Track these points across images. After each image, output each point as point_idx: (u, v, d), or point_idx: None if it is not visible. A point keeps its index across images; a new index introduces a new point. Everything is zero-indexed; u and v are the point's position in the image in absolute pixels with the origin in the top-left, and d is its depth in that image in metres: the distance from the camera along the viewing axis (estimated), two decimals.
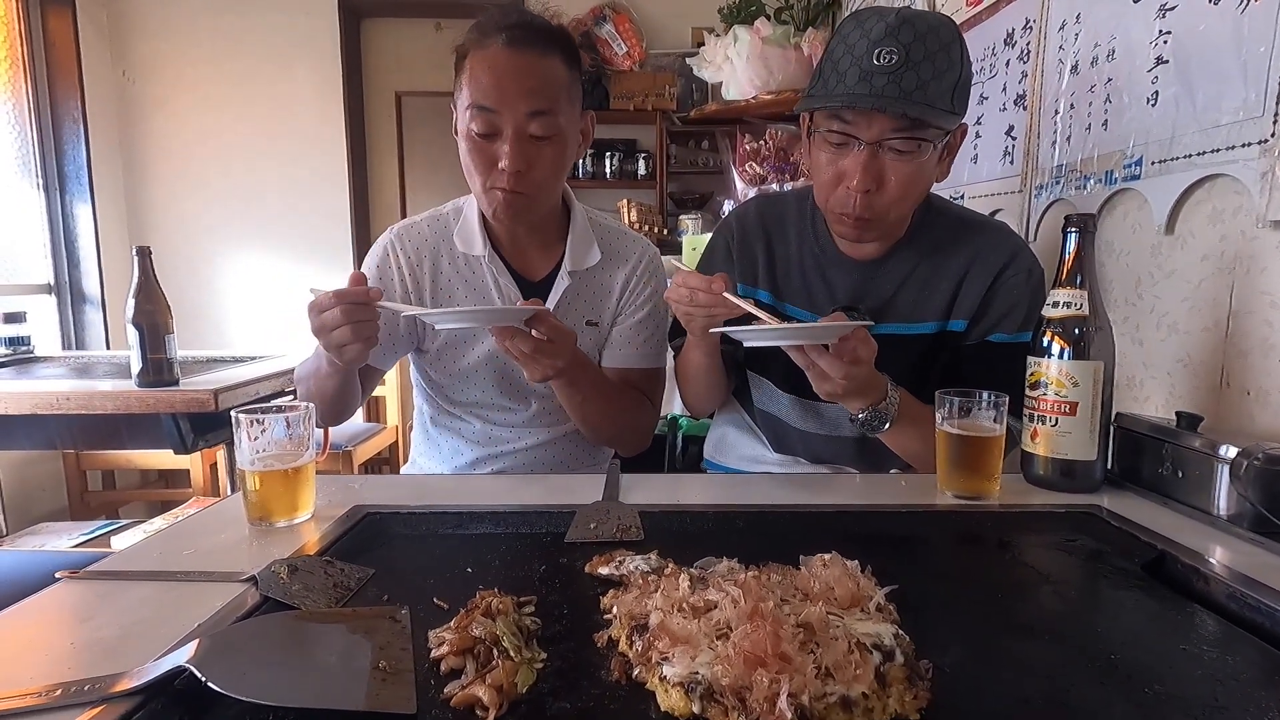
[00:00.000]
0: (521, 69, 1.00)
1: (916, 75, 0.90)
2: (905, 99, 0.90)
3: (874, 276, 1.09)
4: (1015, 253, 1.06)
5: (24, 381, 1.86)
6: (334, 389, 1.08)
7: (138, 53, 3.46)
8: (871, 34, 0.91)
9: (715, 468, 1.30)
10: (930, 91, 0.91)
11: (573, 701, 0.49)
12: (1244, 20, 0.92)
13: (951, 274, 1.06)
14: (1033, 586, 0.70)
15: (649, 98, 3.47)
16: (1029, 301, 1.04)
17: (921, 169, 0.96)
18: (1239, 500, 0.77)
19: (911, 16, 0.92)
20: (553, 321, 0.94)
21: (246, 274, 3.61)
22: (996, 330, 1.05)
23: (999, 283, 1.05)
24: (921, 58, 0.90)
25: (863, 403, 0.95)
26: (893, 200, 0.97)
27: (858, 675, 0.46)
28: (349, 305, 0.90)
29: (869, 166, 0.94)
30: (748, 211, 1.19)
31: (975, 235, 1.08)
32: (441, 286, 1.17)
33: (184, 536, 0.78)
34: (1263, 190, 0.89)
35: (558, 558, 0.73)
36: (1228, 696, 0.50)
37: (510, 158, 1.01)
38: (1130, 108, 1.13)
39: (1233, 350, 0.96)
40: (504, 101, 1.00)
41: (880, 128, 0.93)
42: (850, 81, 0.92)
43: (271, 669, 0.50)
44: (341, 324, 0.90)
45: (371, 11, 3.67)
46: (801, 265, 1.13)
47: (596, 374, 1.13)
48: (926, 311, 1.07)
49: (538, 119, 1.01)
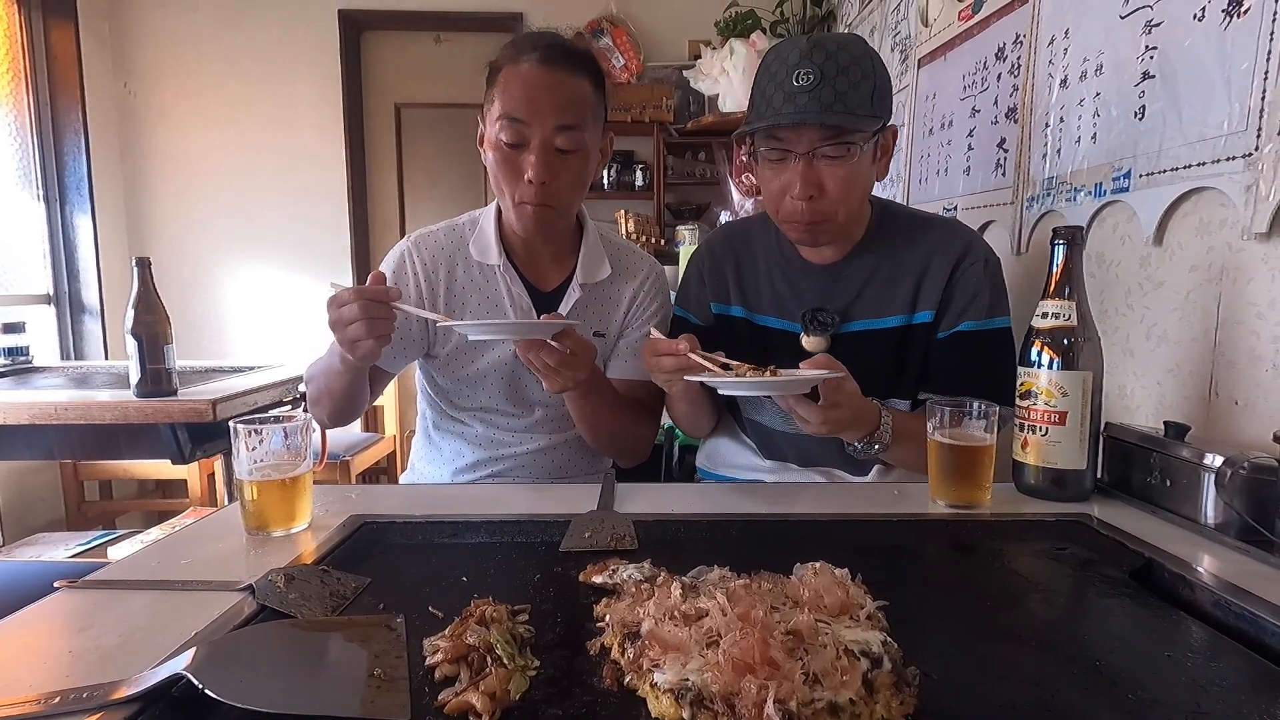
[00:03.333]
0: (552, 85, 1.05)
1: (833, 89, 0.99)
2: (826, 110, 0.99)
3: (838, 279, 1.14)
4: (969, 244, 1.12)
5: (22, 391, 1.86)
6: (343, 387, 1.10)
7: (139, 65, 3.49)
8: (789, 60, 1.01)
9: (708, 475, 1.32)
10: (850, 101, 0.99)
11: (565, 708, 0.50)
12: (1227, 36, 0.93)
13: (911, 269, 1.12)
14: (1022, 594, 0.71)
15: (646, 109, 3.49)
16: (990, 287, 1.10)
17: (855, 170, 1.04)
18: (1226, 509, 0.78)
19: (822, 39, 1.01)
20: (577, 336, 0.98)
21: (245, 285, 3.62)
22: (964, 319, 1.10)
23: (958, 273, 1.10)
24: (835, 73, 0.98)
25: (856, 434, 0.99)
26: (835, 201, 1.04)
27: (845, 681, 0.47)
28: (367, 302, 0.92)
29: (806, 175, 1.03)
30: (715, 239, 1.29)
31: (929, 231, 1.14)
32: (455, 294, 1.19)
33: (181, 546, 0.79)
34: (1248, 203, 0.90)
35: (552, 567, 0.74)
36: (1211, 703, 0.51)
37: (535, 169, 1.06)
38: (1118, 121, 1.14)
39: (1221, 360, 0.97)
40: (534, 114, 1.05)
41: (809, 139, 1.01)
42: (777, 104, 1.01)
43: (268, 677, 0.50)
44: (358, 319, 0.92)
45: (372, 24, 3.70)
46: (770, 277, 1.19)
47: (608, 387, 1.17)
48: (891, 306, 1.12)
49: (564, 133, 1.06)
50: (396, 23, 3.67)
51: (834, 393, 0.92)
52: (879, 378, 1.05)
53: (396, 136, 3.86)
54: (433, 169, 3.84)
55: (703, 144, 3.58)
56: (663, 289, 1.28)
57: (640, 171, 3.65)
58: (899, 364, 1.12)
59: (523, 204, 1.09)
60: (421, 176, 3.87)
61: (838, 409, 0.92)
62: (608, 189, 3.63)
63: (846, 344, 1.12)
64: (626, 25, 3.55)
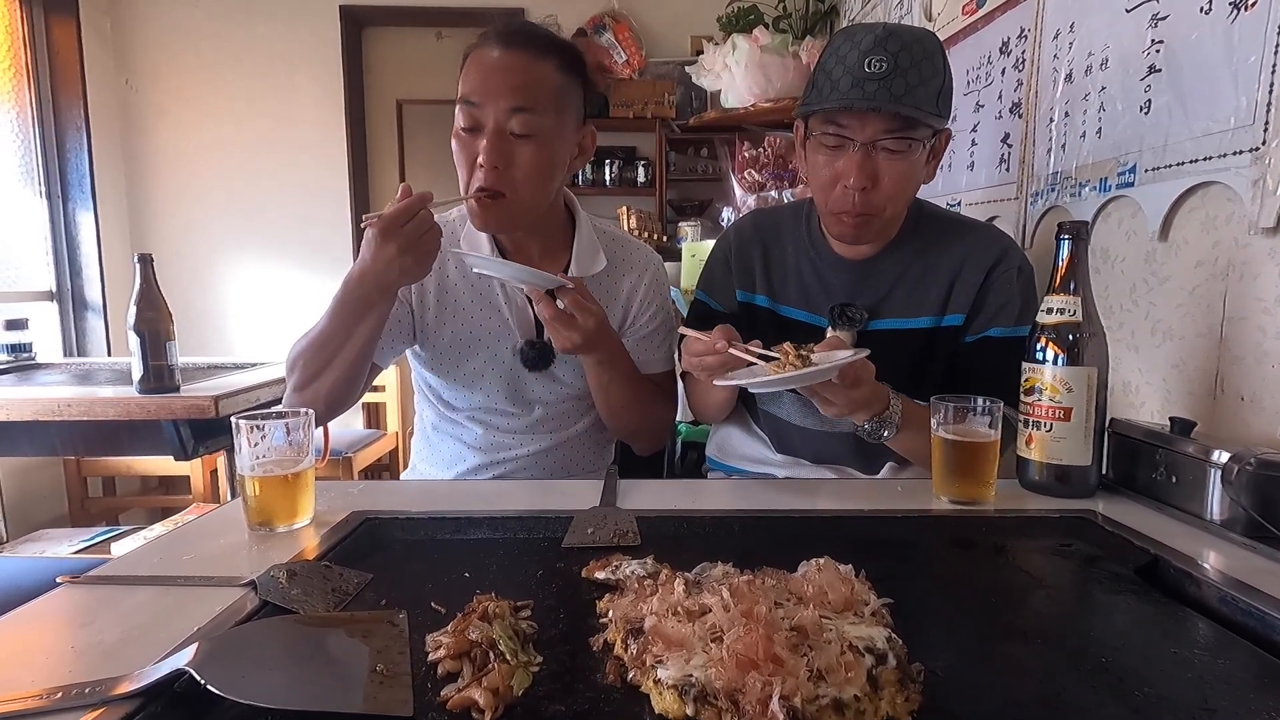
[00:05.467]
0: (508, 66, 1.01)
1: (905, 81, 0.96)
2: (896, 101, 0.96)
3: (868, 275, 1.12)
4: (1005, 250, 1.10)
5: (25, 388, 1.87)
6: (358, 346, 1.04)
7: (141, 61, 3.48)
8: (861, 45, 0.98)
9: (718, 467, 1.31)
10: (918, 96, 0.97)
11: (568, 704, 0.49)
12: (1234, 29, 0.93)
13: (944, 271, 1.10)
14: (1026, 591, 0.71)
15: (648, 105, 3.49)
16: (1022, 295, 1.07)
17: (913, 167, 1.02)
18: (1232, 505, 0.78)
19: (897, 29, 0.99)
20: (578, 298, 0.98)
21: (247, 281, 3.63)
22: (994, 325, 1.08)
23: (991, 279, 1.08)
24: (909, 65, 0.96)
25: (866, 414, 0.98)
26: (888, 197, 1.02)
27: (849, 678, 0.47)
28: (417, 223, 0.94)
29: (864, 165, 1.00)
30: (744, 223, 1.24)
31: (965, 234, 1.12)
32: (448, 290, 1.17)
33: (184, 542, 0.79)
34: (1254, 197, 0.89)
35: (555, 562, 0.74)
36: (1218, 699, 0.51)
37: (486, 152, 1.01)
38: (1124, 116, 1.14)
39: (1227, 356, 0.96)
40: (487, 95, 1.01)
41: (873, 129, 0.98)
42: (844, 88, 0.98)
43: (270, 672, 0.50)
44: (421, 222, 0.94)
45: (373, 20, 3.69)
46: (798, 269, 1.16)
47: (625, 362, 1.14)
48: (921, 307, 1.10)
49: (519, 115, 1.01)
50: (398, 18, 3.67)
51: (861, 368, 0.91)
52: (902, 378, 1.02)
53: (398, 132, 3.86)
54: (434, 165, 3.83)
55: (705, 140, 3.57)
56: (664, 285, 1.26)
57: (642, 168, 3.64)
58: (922, 365, 1.11)
59: (475, 193, 1.04)
60: (423, 172, 3.86)
61: (859, 387, 0.91)
62: (610, 185, 3.62)
63: (872, 342, 1.08)
64: (628, 21, 3.54)
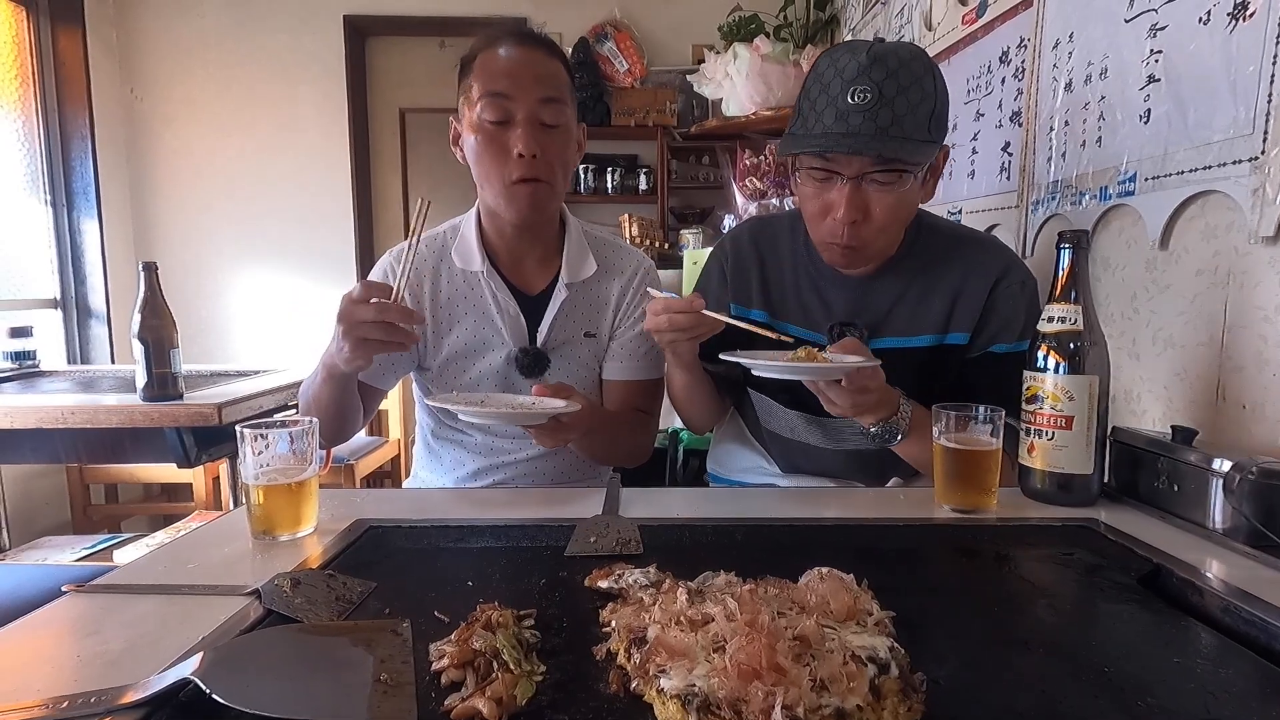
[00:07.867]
0: (532, 60, 1.07)
1: (891, 111, 0.92)
2: (881, 135, 0.92)
3: (869, 293, 1.10)
4: (1008, 265, 1.08)
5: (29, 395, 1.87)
6: (331, 399, 1.07)
7: (146, 71, 3.50)
8: (845, 72, 0.93)
9: (719, 480, 1.31)
10: (906, 125, 0.93)
11: (571, 713, 0.50)
12: (1233, 40, 0.93)
13: (946, 288, 1.08)
14: (1028, 600, 0.71)
15: (650, 114, 3.50)
16: (1026, 311, 1.05)
17: (904, 197, 0.99)
18: (1234, 514, 0.78)
19: (883, 53, 0.93)
20: (565, 420, 0.97)
21: (251, 289, 3.64)
22: (997, 341, 1.06)
23: (995, 295, 1.06)
24: (895, 93, 0.92)
25: (874, 418, 0.98)
26: (879, 228, 1.00)
27: (852, 687, 0.47)
28: (389, 325, 0.91)
29: (853, 199, 0.97)
30: (740, 234, 1.21)
31: (968, 250, 1.10)
32: (441, 304, 1.18)
33: (188, 550, 0.79)
34: (1254, 206, 0.90)
35: (558, 571, 0.74)
36: (1220, 709, 0.51)
37: (524, 140, 1.04)
38: (1123, 125, 1.14)
39: (1228, 364, 0.97)
40: (518, 87, 1.05)
41: (860, 164, 0.95)
42: (828, 121, 0.94)
43: (275, 681, 0.50)
44: (372, 320, 0.90)
45: (376, 30, 3.71)
46: (796, 284, 1.14)
47: (604, 422, 1.14)
48: (923, 325, 1.09)
49: (550, 106, 1.06)
50: (401, 28, 3.69)
51: (870, 375, 0.90)
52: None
53: (401, 141, 3.88)
54: (437, 173, 3.84)
55: (706, 148, 3.58)
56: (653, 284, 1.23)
57: (644, 175, 3.65)
58: (926, 384, 1.07)
59: (515, 183, 1.06)
60: (426, 181, 3.88)
61: (866, 393, 0.91)
62: (611, 193, 3.63)
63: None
64: (630, 30, 3.56)
